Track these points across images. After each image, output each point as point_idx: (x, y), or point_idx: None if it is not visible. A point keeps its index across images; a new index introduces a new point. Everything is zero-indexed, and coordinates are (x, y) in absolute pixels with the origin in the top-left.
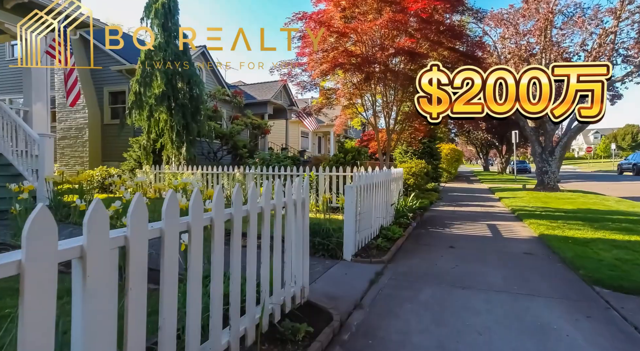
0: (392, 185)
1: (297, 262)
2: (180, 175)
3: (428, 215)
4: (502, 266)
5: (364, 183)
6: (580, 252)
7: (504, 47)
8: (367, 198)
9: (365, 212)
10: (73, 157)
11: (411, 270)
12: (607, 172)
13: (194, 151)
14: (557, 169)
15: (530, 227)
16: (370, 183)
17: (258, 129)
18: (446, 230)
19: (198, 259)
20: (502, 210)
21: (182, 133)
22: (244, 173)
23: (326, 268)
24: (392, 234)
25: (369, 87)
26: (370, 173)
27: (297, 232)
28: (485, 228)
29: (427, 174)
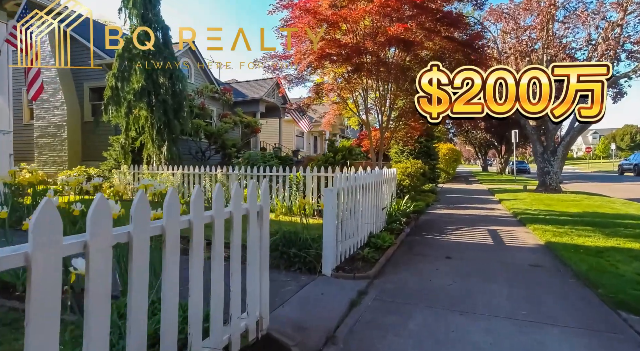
0: (383, 187)
1: (252, 287)
2: (160, 175)
3: (424, 219)
4: (506, 283)
5: (347, 186)
6: (596, 265)
7: (504, 42)
8: (353, 202)
9: (350, 218)
10: (51, 157)
11: (400, 288)
12: (607, 173)
13: (176, 150)
14: (560, 169)
15: (535, 233)
16: (356, 185)
17: (248, 128)
18: (443, 236)
19: None
20: (503, 214)
21: (164, 131)
22: (227, 174)
23: (300, 286)
24: (382, 242)
25: (360, 81)
26: (356, 174)
27: (252, 249)
28: (486, 235)
29: (423, 175)
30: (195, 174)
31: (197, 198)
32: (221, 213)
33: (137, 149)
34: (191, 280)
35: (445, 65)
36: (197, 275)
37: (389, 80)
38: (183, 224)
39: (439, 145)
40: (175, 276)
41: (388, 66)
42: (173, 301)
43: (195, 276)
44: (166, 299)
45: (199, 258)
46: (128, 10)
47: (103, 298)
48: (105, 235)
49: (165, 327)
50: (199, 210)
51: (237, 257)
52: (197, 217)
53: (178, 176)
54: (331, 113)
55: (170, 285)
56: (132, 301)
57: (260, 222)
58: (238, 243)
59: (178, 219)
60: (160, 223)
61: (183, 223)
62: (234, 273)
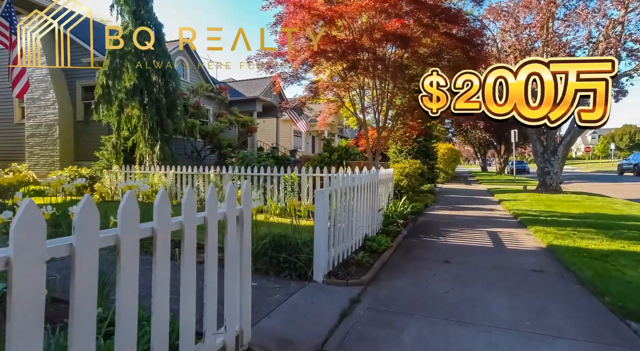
0: (379, 188)
1: (231, 299)
2: (152, 175)
3: (422, 220)
4: (507, 290)
5: (341, 187)
6: (601, 270)
7: (503, 41)
8: (347, 204)
9: (344, 221)
10: (43, 157)
11: (395, 295)
12: (606, 173)
13: (169, 150)
14: (560, 169)
15: (536, 236)
16: (351, 186)
17: (244, 127)
18: (441, 239)
19: None
20: (503, 215)
21: (156, 130)
22: (220, 174)
23: (289, 293)
24: (378, 246)
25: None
26: (350, 175)
27: (231, 256)
28: (486, 237)
29: (422, 175)
30: (188, 174)
31: (162, 203)
32: (192, 219)
33: (130, 149)
34: (155, 292)
35: (444, 62)
36: (162, 286)
37: (386, 78)
38: (145, 233)
39: (437, 145)
40: (133, 289)
41: (385, 63)
42: (130, 318)
43: (160, 288)
44: (122, 316)
45: (163, 268)
46: (120, 7)
47: (33, 322)
48: (36, 248)
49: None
50: (164, 217)
51: (213, 266)
52: (163, 224)
53: (170, 176)
54: (326, 112)
55: (126, 299)
56: (74, 322)
57: (240, 227)
58: (213, 252)
59: (137, 228)
60: (114, 233)
61: (145, 232)
62: (209, 285)
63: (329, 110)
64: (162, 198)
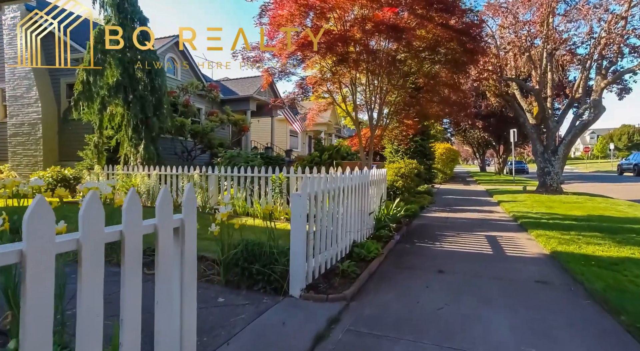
0: (370, 190)
1: (167, 329)
2: (134, 176)
3: (417, 223)
4: (508, 306)
5: (323, 190)
6: (613, 281)
7: (502, 37)
8: (332, 208)
9: (328, 226)
10: (26, 156)
11: (381, 313)
12: (606, 173)
13: (154, 149)
14: (561, 170)
15: (538, 241)
16: (336, 188)
17: (236, 126)
18: (436, 244)
19: None
20: (502, 217)
21: (141, 129)
22: (206, 175)
23: (259, 312)
24: (366, 253)
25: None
26: (337, 175)
27: (165, 278)
28: (484, 242)
29: (418, 175)
30: (172, 175)
31: (89, 208)
32: (99, 235)
33: (114, 149)
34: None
35: (440, 56)
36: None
37: (378, 73)
38: None
39: (435, 144)
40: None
41: (377, 57)
42: None
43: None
44: None
45: (131, 281)
46: (102, 0)
47: None
48: None
49: None
50: (92, 228)
51: (131, 294)
52: (91, 236)
53: (153, 177)
54: (315, 109)
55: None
56: None
57: (180, 241)
58: (133, 278)
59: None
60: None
61: None
62: (125, 320)
63: (319, 108)
64: (90, 203)
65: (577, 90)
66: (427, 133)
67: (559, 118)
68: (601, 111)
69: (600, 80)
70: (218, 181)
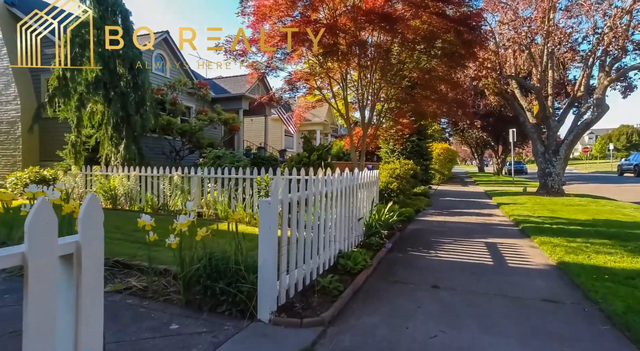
0: (360, 194)
1: None
2: (113, 178)
3: (412, 228)
4: (513, 334)
5: (301, 195)
6: (632, 300)
7: (502, 34)
8: (313, 215)
9: (308, 237)
10: (4, 156)
11: (363, 343)
12: (605, 173)
13: (135, 149)
14: (562, 171)
15: (543, 249)
16: (317, 193)
17: (226, 125)
18: (431, 253)
19: None
20: (502, 221)
21: (122, 127)
22: (188, 176)
23: (216, 343)
24: (353, 265)
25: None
26: (317, 179)
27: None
28: (484, 251)
29: (414, 176)
30: (153, 176)
31: None
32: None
33: (94, 148)
34: None
35: (436, 50)
36: None
37: (370, 67)
38: None
39: (432, 144)
40: None
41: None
42: None
43: None
44: None
45: None
46: None
47: None
48: None
49: None
50: None
51: None
52: None
53: (133, 178)
54: (302, 107)
55: None
56: None
57: (75, 273)
58: None
59: None
60: None
61: None
62: None
63: (306, 105)
64: None
65: (579, 88)
66: (424, 133)
67: (560, 117)
68: (604, 110)
69: (604, 77)
70: (201, 183)
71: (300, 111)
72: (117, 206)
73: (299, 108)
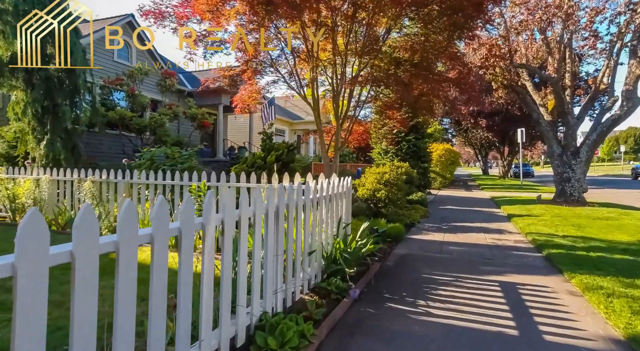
0: (312, 214)
1: None
2: (19, 182)
3: (398, 253)
4: None
5: (183, 228)
6: None
7: (514, 16)
8: (185, 263)
9: (156, 317)
10: None
11: None
12: (616, 177)
13: (62, 146)
14: (583, 175)
15: (591, 301)
16: (210, 221)
17: (194, 120)
18: (420, 307)
19: None
20: (518, 241)
21: (46, 119)
22: (114, 181)
23: None
24: (276, 347)
25: (290, 23)
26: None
27: None
28: (500, 302)
29: (410, 181)
30: (67, 180)
31: None
32: None
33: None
34: None
35: (434, 4)
36: None
37: (333, 25)
38: None
39: (433, 145)
40: None
41: None
42: None
43: None
44: None
45: None
46: None
47: None
48: None
49: None
50: None
51: None
52: None
53: (44, 182)
54: (248, 88)
55: None
56: None
57: None
58: None
59: None
60: None
61: None
62: None
63: (252, 87)
64: None
65: (601, 80)
66: (422, 131)
67: (579, 114)
68: (636, 104)
69: (636, 65)
70: (127, 189)
71: (244, 95)
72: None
73: (244, 90)
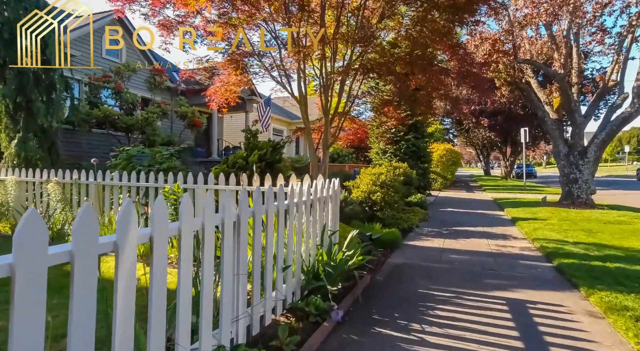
0: (297, 221)
1: None
2: None
3: (393, 263)
4: None
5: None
6: None
7: (517, 9)
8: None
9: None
10: None
11: None
12: (620, 178)
13: (37, 145)
14: (591, 176)
15: (616, 326)
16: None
17: (184, 119)
18: (412, 332)
19: None
20: (525, 248)
21: (19, 117)
22: (85, 183)
23: None
24: None
25: None
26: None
27: None
28: (507, 327)
29: (408, 183)
30: (35, 182)
31: None
32: None
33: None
34: None
35: None
36: None
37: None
38: None
39: (433, 145)
40: None
41: None
42: None
43: None
44: None
45: None
46: None
47: None
48: None
49: None
50: None
51: None
52: None
53: (10, 183)
54: (225, 78)
55: None
56: None
57: None
58: None
59: None
60: None
61: None
62: None
63: (230, 75)
64: None
65: (610, 76)
66: (422, 130)
67: (586, 111)
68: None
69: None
70: (98, 192)
71: (217, 87)
72: None
73: (219, 79)
